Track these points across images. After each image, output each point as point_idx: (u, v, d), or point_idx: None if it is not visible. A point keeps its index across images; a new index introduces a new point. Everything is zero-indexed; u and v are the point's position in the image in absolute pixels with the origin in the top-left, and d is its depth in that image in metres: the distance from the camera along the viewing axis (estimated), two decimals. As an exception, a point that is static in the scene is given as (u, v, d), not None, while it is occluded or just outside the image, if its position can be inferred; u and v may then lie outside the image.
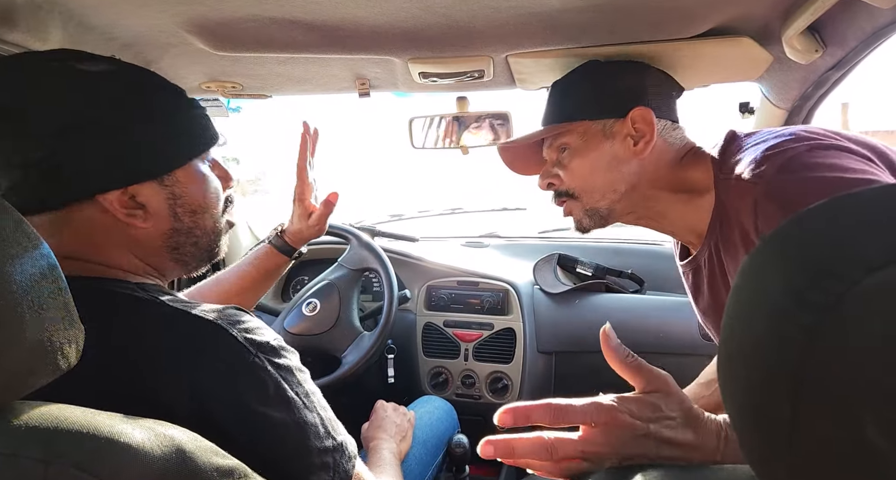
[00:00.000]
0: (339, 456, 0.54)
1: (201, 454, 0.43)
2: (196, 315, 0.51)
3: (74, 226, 0.53)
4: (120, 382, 0.48)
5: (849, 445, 0.22)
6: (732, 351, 0.28)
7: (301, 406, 0.52)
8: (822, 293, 0.23)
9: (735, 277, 0.28)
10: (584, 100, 0.79)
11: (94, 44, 0.76)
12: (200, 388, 0.48)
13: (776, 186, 0.58)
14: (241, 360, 0.50)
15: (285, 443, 0.51)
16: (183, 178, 0.57)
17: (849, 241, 0.23)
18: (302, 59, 0.93)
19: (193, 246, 0.60)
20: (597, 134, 0.78)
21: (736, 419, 0.28)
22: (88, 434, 0.37)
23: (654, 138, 0.75)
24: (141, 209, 0.54)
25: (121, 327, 0.50)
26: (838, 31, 0.75)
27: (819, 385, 0.22)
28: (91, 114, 0.51)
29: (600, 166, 0.77)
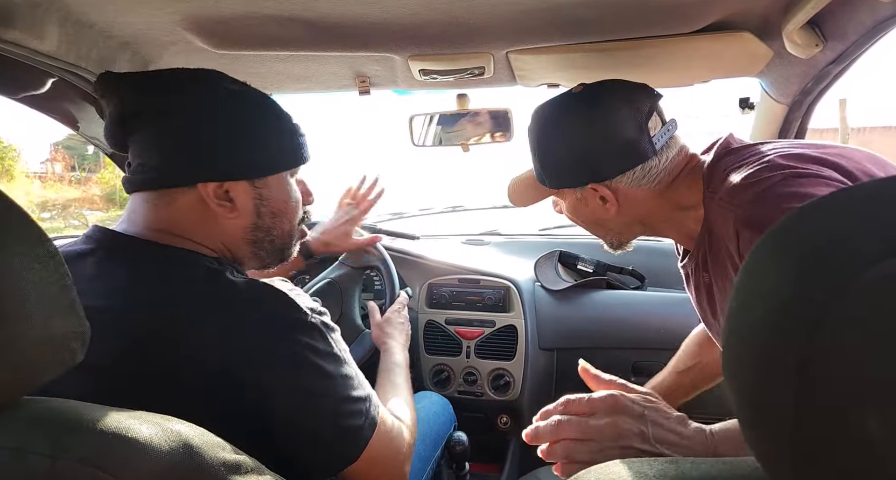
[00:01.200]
0: (369, 404, 0.63)
1: (208, 449, 0.43)
2: (260, 281, 0.61)
3: (177, 205, 0.63)
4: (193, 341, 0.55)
5: (851, 439, 0.22)
6: (735, 347, 0.28)
7: (343, 361, 0.62)
8: (823, 288, 0.23)
9: (737, 275, 0.28)
10: (553, 171, 0.82)
11: (92, 42, 0.76)
12: (261, 343, 0.56)
13: (753, 215, 0.62)
14: (299, 319, 0.59)
15: (331, 392, 0.60)
16: (272, 184, 0.67)
17: (847, 235, 0.23)
18: (302, 57, 0.92)
19: (270, 243, 0.70)
20: (573, 197, 0.82)
21: (740, 414, 0.28)
22: (95, 429, 0.38)
23: (615, 203, 0.78)
24: (230, 202, 0.64)
25: (196, 289, 0.59)
26: (839, 26, 0.75)
27: (821, 379, 0.22)
28: (211, 121, 0.62)
29: (588, 221, 0.85)
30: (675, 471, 0.38)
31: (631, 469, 0.40)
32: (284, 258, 0.74)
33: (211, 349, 0.55)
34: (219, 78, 0.66)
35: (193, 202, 0.63)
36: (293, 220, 0.72)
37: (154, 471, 0.38)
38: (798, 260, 0.25)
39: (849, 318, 0.22)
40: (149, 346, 0.55)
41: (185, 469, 0.40)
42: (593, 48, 0.88)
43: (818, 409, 0.23)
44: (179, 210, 0.63)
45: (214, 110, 0.63)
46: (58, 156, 18.55)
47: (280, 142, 0.68)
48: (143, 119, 0.62)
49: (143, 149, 0.63)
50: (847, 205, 0.26)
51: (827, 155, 0.64)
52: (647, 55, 0.88)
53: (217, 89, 0.64)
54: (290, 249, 0.74)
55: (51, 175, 17.88)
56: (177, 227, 0.63)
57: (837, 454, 0.23)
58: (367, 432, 0.62)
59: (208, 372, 0.55)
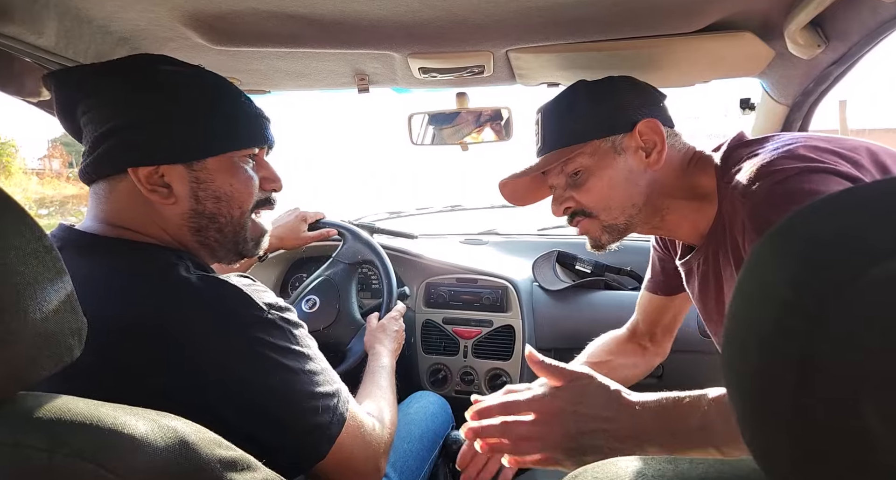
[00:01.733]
0: (337, 400, 0.63)
1: (204, 445, 0.43)
2: (214, 277, 0.59)
3: (115, 195, 0.62)
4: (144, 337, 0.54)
5: (850, 434, 0.22)
6: (735, 342, 0.28)
7: (306, 357, 0.61)
8: (826, 283, 0.23)
9: (740, 270, 0.28)
10: (587, 120, 0.78)
11: (90, 37, 0.76)
12: (219, 342, 0.55)
13: (760, 212, 0.61)
14: (256, 316, 0.58)
15: (294, 388, 0.58)
16: (213, 167, 0.63)
17: (854, 232, 0.23)
18: (301, 54, 0.92)
19: (217, 232, 0.66)
20: (608, 152, 0.77)
21: (739, 411, 0.28)
22: (92, 425, 0.38)
23: (665, 147, 0.75)
24: (166, 188, 0.61)
25: (151, 284, 0.57)
26: (841, 26, 0.74)
27: (822, 374, 0.22)
28: (140, 105, 0.60)
29: (618, 182, 0.77)
30: (674, 471, 0.38)
31: (628, 469, 0.40)
32: (241, 251, 0.70)
33: (168, 348, 0.54)
34: (150, 59, 0.63)
35: (129, 190, 0.61)
36: (243, 205, 0.67)
37: (150, 467, 0.38)
38: (802, 256, 0.25)
39: (852, 316, 0.22)
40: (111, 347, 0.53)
41: (181, 465, 0.40)
42: (594, 47, 0.87)
43: (818, 406, 0.23)
44: (119, 200, 0.61)
45: (141, 92, 0.61)
46: (55, 153, 18.50)
47: (219, 123, 0.63)
48: (81, 109, 0.62)
49: (85, 141, 0.62)
50: (853, 202, 0.26)
51: (842, 148, 0.63)
52: (647, 55, 0.88)
53: (146, 71, 0.62)
54: (243, 240, 0.69)
55: (48, 171, 17.84)
56: (121, 219, 0.62)
57: (838, 450, 0.23)
58: (335, 428, 0.61)
59: (169, 372, 0.54)
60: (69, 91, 0.62)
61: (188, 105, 0.62)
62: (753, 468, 0.36)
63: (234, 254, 0.70)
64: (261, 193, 0.69)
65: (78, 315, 0.40)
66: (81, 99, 0.62)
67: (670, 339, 1.03)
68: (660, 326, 1.01)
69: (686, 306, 1.00)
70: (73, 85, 0.62)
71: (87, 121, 0.61)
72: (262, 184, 0.69)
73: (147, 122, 0.60)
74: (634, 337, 1.03)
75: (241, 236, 0.68)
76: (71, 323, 0.40)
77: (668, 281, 0.95)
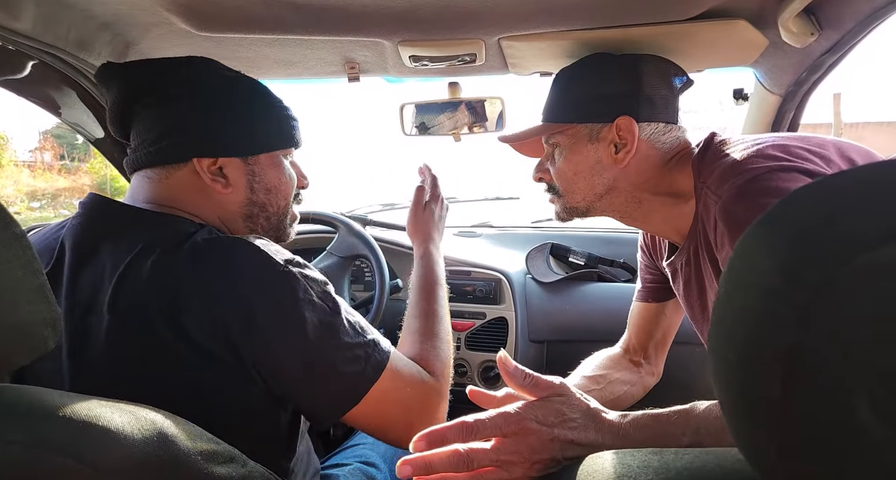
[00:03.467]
0: (370, 350, 0.63)
1: (184, 438, 0.42)
2: (231, 237, 0.63)
3: (173, 179, 0.67)
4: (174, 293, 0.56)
5: (839, 425, 0.22)
6: (723, 333, 0.27)
7: (327, 310, 0.61)
8: (815, 272, 0.22)
9: (727, 260, 0.28)
10: (577, 102, 0.80)
11: (71, 22, 0.74)
12: (244, 295, 0.57)
13: (730, 210, 0.62)
14: (274, 270, 0.59)
15: (317, 340, 0.59)
16: (264, 162, 0.71)
17: (842, 220, 0.23)
18: (289, 41, 0.90)
19: (266, 220, 0.73)
20: (584, 137, 0.79)
21: (725, 403, 0.28)
22: (69, 418, 0.37)
23: (633, 149, 0.76)
24: (224, 178, 0.68)
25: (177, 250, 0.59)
26: (834, 14, 0.74)
27: (811, 365, 0.22)
28: (206, 102, 0.67)
29: (582, 169, 0.80)
30: (658, 462, 0.37)
31: (615, 462, 0.40)
32: (280, 237, 0.77)
33: (196, 309, 0.56)
34: (213, 64, 0.70)
35: (189, 177, 0.67)
36: (288, 198, 0.75)
37: (128, 460, 0.38)
38: (790, 244, 0.24)
39: (841, 304, 0.22)
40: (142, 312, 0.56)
41: (159, 458, 0.40)
42: (586, 36, 0.86)
43: (806, 397, 0.22)
44: (176, 184, 0.67)
45: (209, 93, 0.67)
46: (47, 145, 18.32)
47: (271, 124, 0.71)
48: (143, 103, 0.66)
49: (145, 130, 0.67)
50: (841, 188, 0.25)
51: (811, 145, 0.65)
52: (641, 43, 0.87)
53: (211, 74, 0.69)
54: (284, 228, 0.77)
55: (40, 164, 17.67)
56: (173, 200, 0.67)
57: (826, 442, 0.22)
58: (367, 380, 0.61)
59: (202, 332, 0.56)
60: (133, 84, 0.67)
61: (246, 106, 0.70)
62: (738, 459, 0.35)
63: (275, 239, 0.75)
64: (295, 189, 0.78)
65: (51, 304, 0.39)
66: (144, 93, 0.66)
67: (663, 357, 1.02)
68: (652, 341, 1.00)
69: (677, 319, 1.00)
70: (138, 78, 0.67)
71: (150, 114, 0.67)
72: (297, 181, 0.78)
73: (211, 119, 0.67)
74: (627, 353, 1.03)
75: (283, 223, 0.77)
76: (44, 313, 0.39)
77: (658, 287, 0.96)
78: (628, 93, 0.77)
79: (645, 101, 0.77)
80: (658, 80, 0.79)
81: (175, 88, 0.66)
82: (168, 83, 0.66)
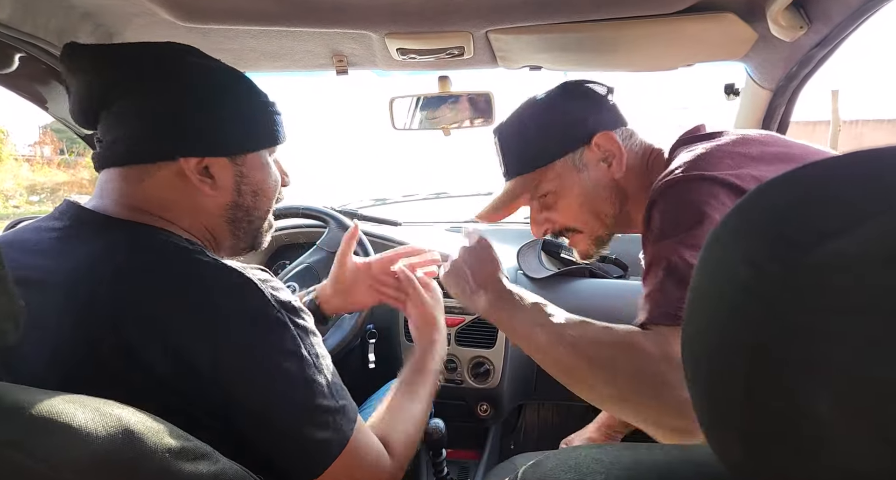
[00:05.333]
0: (339, 417, 0.58)
1: (151, 435, 0.41)
2: (230, 266, 0.57)
3: (151, 180, 0.61)
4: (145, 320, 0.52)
5: (800, 417, 0.22)
6: (693, 325, 0.27)
7: (311, 365, 0.57)
8: (780, 263, 0.22)
9: (700, 251, 0.28)
10: (545, 141, 0.78)
11: (51, 11, 0.73)
12: (221, 333, 0.53)
13: (648, 209, 0.64)
14: (265, 313, 0.55)
15: (291, 396, 0.55)
16: (252, 162, 0.65)
17: (806, 210, 0.23)
18: (275, 33, 0.89)
19: (248, 224, 0.68)
20: (569, 170, 0.78)
21: (694, 396, 0.28)
22: (24, 412, 0.36)
23: (624, 154, 0.75)
24: (211, 179, 0.62)
25: (163, 269, 0.55)
26: (823, 6, 0.73)
27: (774, 356, 0.22)
28: (190, 94, 0.61)
29: (587, 198, 0.78)
30: (630, 457, 0.37)
31: (587, 456, 0.39)
32: (255, 245, 0.71)
33: (167, 332, 0.52)
34: (196, 53, 0.64)
35: (171, 178, 0.61)
36: (272, 201, 0.70)
37: (89, 458, 0.36)
38: (757, 234, 0.24)
39: (804, 296, 0.21)
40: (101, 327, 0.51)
41: (124, 455, 0.39)
42: (575, 29, 0.85)
43: (769, 387, 0.22)
44: (154, 186, 0.61)
45: (195, 84, 0.61)
46: (46, 139, 18.29)
47: (258, 119, 0.66)
48: (116, 93, 0.59)
49: (118, 123, 0.60)
50: (809, 180, 0.25)
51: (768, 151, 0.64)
52: (630, 36, 0.86)
53: (196, 64, 0.62)
54: (261, 233, 0.71)
55: (39, 158, 17.63)
56: (149, 204, 0.61)
57: (788, 437, 0.22)
58: (335, 448, 0.57)
59: (165, 357, 0.51)
60: (103, 72, 0.60)
61: (231, 100, 0.63)
62: (709, 454, 0.35)
63: (250, 247, 0.71)
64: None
65: (13, 298, 0.38)
66: (122, 81, 0.60)
67: None
68: None
69: None
70: (116, 65, 0.60)
71: (129, 106, 0.60)
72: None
73: (197, 113, 0.61)
74: None
75: (261, 229, 0.71)
76: (4, 307, 0.37)
77: None
78: (583, 111, 0.78)
79: (603, 114, 0.78)
80: (595, 93, 0.80)
81: (157, 79, 0.60)
82: (148, 72, 0.60)
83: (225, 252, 0.70)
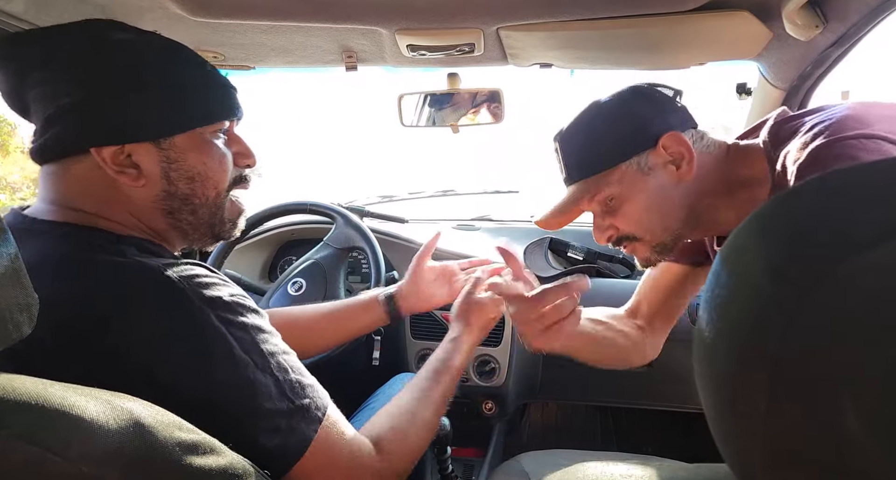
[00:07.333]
0: (296, 419, 0.53)
1: (162, 428, 0.41)
2: (148, 265, 0.52)
3: (72, 176, 0.56)
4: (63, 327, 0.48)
5: (825, 432, 0.21)
6: (710, 336, 0.26)
7: (249, 366, 0.52)
8: (803, 273, 0.21)
9: (714, 262, 0.27)
10: (609, 144, 0.75)
11: (63, 6, 0.73)
12: (143, 338, 0.49)
13: (807, 175, 0.57)
14: (185, 314, 0.50)
15: (230, 404, 0.51)
16: (182, 145, 0.58)
17: (831, 219, 0.22)
18: (285, 28, 0.89)
19: (191, 214, 0.61)
20: (635, 173, 0.74)
21: (710, 410, 0.27)
22: (37, 405, 0.36)
23: (694, 156, 0.72)
24: (135, 168, 0.57)
25: (77, 273, 0.51)
26: (840, 6, 0.72)
27: (796, 369, 0.21)
28: (100, 77, 0.55)
29: (653, 204, 0.75)
30: (642, 471, 0.37)
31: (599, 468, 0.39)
32: (216, 235, 0.65)
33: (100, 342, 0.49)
34: (106, 27, 0.57)
35: (90, 171, 0.56)
36: (219, 185, 0.62)
37: (101, 450, 0.36)
38: (779, 243, 0.23)
39: (828, 306, 0.21)
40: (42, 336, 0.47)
41: (135, 448, 0.39)
42: (587, 26, 0.85)
43: (792, 401, 0.22)
44: (76, 181, 0.56)
45: (107, 64, 0.55)
46: (53, 134, 18.34)
47: (186, 95, 0.58)
48: (33, 80, 0.55)
49: (36, 115, 0.56)
50: (835, 188, 0.24)
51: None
52: (642, 34, 0.86)
53: (103, 39, 0.56)
54: (220, 222, 0.64)
55: (46, 152, 17.70)
56: (75, 201, 0.56)
57: (813, 452, 0.21)
58: (290, 454, 0.53)
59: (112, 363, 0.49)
60: (17, 61, 0.56)
61: (152, 76, 0.57)
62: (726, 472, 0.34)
63: (210, 237, 0.65)
64: (235, 170, 0.64)
65: (27, 290, 0.38)
66: (30, 71, 0.55)
67: (663, 336, 0.99)
68: (663, 308, 0.97)
69: (685, 303, 0.97)
70: (22, 54, 0.56)
71: (38, 96, 0.55)
72: (236, 160, 0.64)
73: (108, 97, 0.55)
74: (632, 317, 1.00)
75: (217, 217, 0.64)
76: (19, 299, 0.37)
77: (695, 250, 0.91)
78: (651, 112, 0.75)
79: (670, 116, 0.75)
80: (664, 95, 0.77)
81: (66, 61, 0.54)
82: (58, 54, 0.54)
83: (181, 245, 0.65)
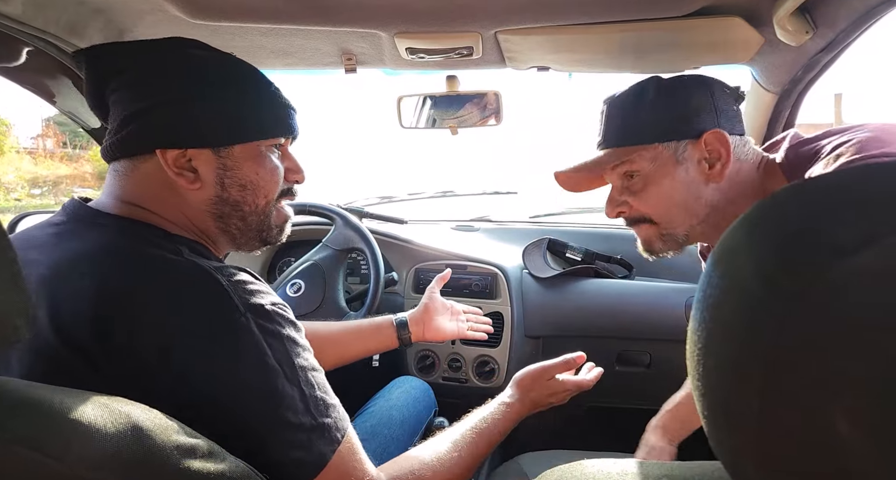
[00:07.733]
0: (315, 437, 0.54)
1: (160, 432, 0.41)
2: (200, 265, 0.55)
3: (137, 174, 0.61)
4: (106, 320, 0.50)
5: (816, 436, 0.21)
6: (703, 336, 0.27)
7: (280, 376, 0.53)
8: (793, 278, 0.22)
9: (706, 264, 0.27)
10: (653, 121, 0.73)
11: (62, 7, 0.73)
12: (183, 337, 0.51)
13: None
14: (225, 316, 0.52)
15: (254, 410, 0.52)
16: (239, 154, 0.63)
17: (821, 224, 0.22)
18: (285, 31, 0.90)
19: (241, 220, 0.65)
20: (668, 158, 0.72)
21: (704, 412, 0.27)
22: (37, 409, 0.36)
23: (730, 161, 0.70)
24: (193, 172, 0.61)
25: (132, 265, 0.54)
26: (829, 12, 0.73)
27: (788, 374, 0.22)
28: (174, 86, 0.60)
29: (678, 193, 0.73)
30: (638, 469, 0.37)
31: (595, 466, 0.39)
32: (264, 240, 0.69)
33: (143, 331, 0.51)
34: (184, 43, 0.63)
35: (153, 171, 0.61)
36: (269, 195, 0.67)
37: (99, 454, 0.37)
38: (770, 248, 0.24)
39: (818, 312, 0.21)
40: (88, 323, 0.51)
41: (133, 452, 0.39)
42: (583, 30, 0.86)
43: (784, 406, 0.22)
44: (142, 179, 0.61)
45: (180, 75, 0.61)
46: (49, 132, 18.31)
47: (250, 110, 0.64)
48: (112, 87, 0.61)
49: (113, 117, 0.61)
50: (822, 192, 0.24)
51: None
52: (637, 38, 0.87)
53: (179, 54, 0.62)
54: (268, 229, 0.69)
55: (42, 151, 17.66)
56: (141, 198, 0.61)
57: (805, 456, 0.22)
58: (309, 470, 0.53)
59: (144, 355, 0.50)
60: (102, 67, 0.62)
61: (219, 90, 0.62)
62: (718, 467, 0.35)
63: (258, 242, 0.69)
64: (284, 184, 0.69)
65: (23, 292, 0.37)
66: (113, 76, 0.61)
67: None
68: None
69: None
70: (106, 62, 0.62)
71: (117, 100, 0.61)
72: (286, 176, 0.69)
73: (177, 105, 0.60)
74: None
75: (265, 224, 0.68)
76: (16, 302, 0.37)
77: None
78: (707, 105, 0.72)
79: (723, 113, 0.73)
80: (727, 92, 0.75)
81: (144, 70, 0.60)
82: (137, 65, 0.60)
83: (227, 248, 0.69)
